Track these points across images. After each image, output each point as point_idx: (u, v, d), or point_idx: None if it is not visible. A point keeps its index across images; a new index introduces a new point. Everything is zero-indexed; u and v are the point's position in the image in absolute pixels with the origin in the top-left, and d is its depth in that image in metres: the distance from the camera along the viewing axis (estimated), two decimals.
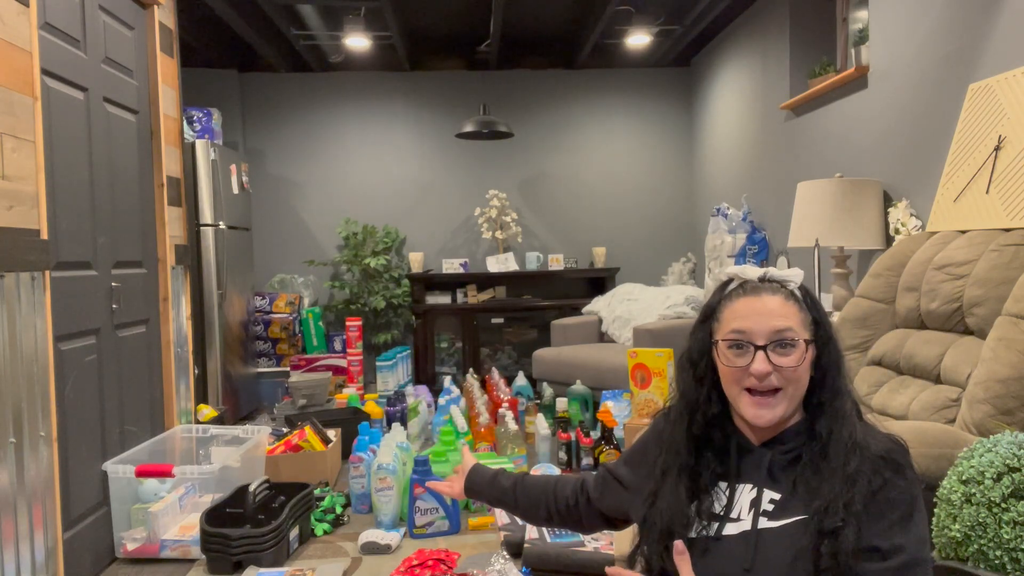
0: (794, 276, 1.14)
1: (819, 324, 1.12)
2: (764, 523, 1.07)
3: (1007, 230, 2.14)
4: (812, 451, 1.07)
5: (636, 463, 1.29)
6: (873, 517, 1.02)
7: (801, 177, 3.93)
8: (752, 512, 1.08)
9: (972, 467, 1.44)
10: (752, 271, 1.15)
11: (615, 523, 1.38)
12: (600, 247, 5.81)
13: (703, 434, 1.15)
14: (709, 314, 1.17)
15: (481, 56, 5.51)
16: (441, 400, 3.84)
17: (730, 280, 1.18)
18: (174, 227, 3.22)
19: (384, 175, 5.81)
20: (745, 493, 1.10)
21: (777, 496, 1.08)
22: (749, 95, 4.69)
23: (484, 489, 1.48)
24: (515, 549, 2.37)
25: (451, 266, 5.63)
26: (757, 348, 1.07)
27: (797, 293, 1.13)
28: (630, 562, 1.20)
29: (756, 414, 1.08)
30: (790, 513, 1.05)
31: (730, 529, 1.08)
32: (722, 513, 1.10)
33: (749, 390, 1.09)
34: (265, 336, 5.02)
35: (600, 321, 4.95)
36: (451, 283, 5.64)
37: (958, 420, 1.88)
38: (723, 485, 1.13)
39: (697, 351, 1.18)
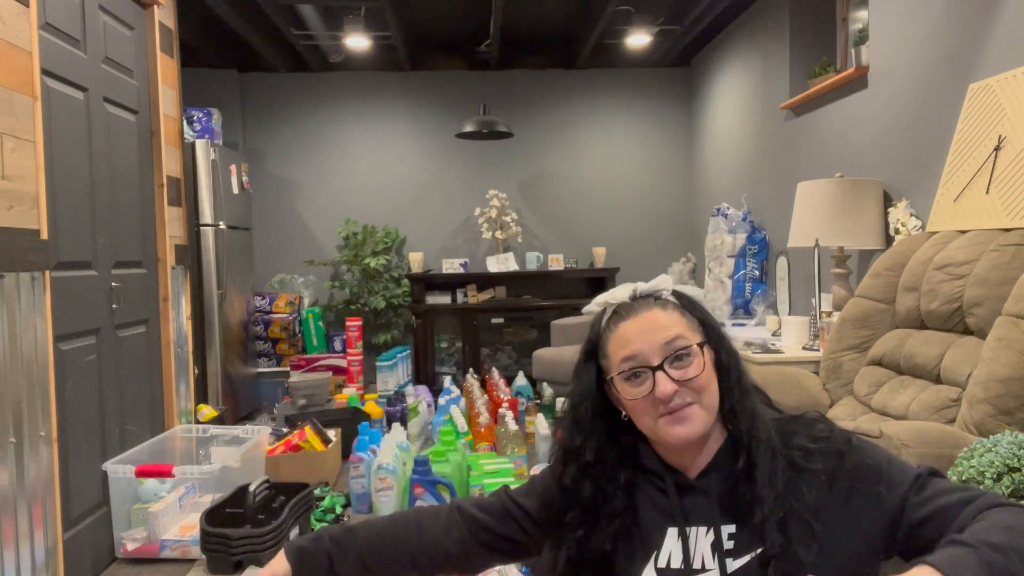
0: (662, 283, 1.07)
1: (706, 324, 1.06)
2: (732, 564, 0.98)
3: (1007, 230, 2.14)
4: (740, 468, 1.00)
5: (545, 494, 1.15)
6: (862, 495, 0.96)
7: (801, 177, 3.93)
8: (716, 557, 0.99)
9: (972, 467, 1.44)
10: (621, 292, 1.08)
11: (514, 555, 1.20)
12: (600, 247, 5.81)
13: (573, 486, 1.07)
14: (592, 352, 1.08)
15: (481, 56, 5.51)
16: (441, 400, 3.84)
17: (603, 311, 1.09)
18: (174, 227, 3.21)
19: (384, 175, 5.81)
20: (701, 538, 1.01)
21: (732, 528, 1.00)
22: (749, 95, 4.69)
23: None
24: None
25: (451, 266, 5.63)
26: (654, 369, 0.99)
27: (672, 299, 1.06)
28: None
29: (677, 432, 0.99)
30: (753, 544, 0.98)
31: None
32: (683, 567, 1.00)
33: (662, 415, 1.00)
34: (265, 336, 5.02)
35: None
36: (451, 283, 5.63)
37: (958, 420, 1.88)
38: (673, 532, 1.02)
39: (579, 394, 1.09)
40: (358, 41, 4.80)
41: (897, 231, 2.91)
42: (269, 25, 4.76)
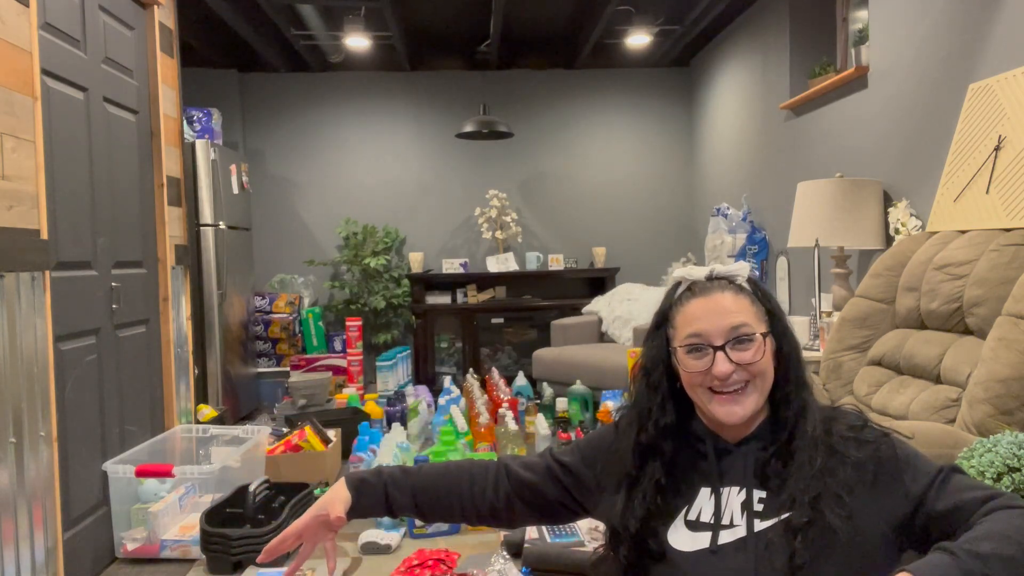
0: (740, 270, 1.11)
1: (773, 315, 1.10)
2: (759, 525, 1.04)
3: (1007, 230, 2.14)
4: (779, 446, 1.07)
5: (590, 457, 1.20)
6: (889, 479, 1.02)
7: (801, 177, 3.93)
8: (745, 515, 1.05)
9: (972, 467, 1.44)
10: (698, 271, 1.13)
11: (554, 515, 1.24)
12: (600, 247, 5.81)
13: (652, 444, 1.11)
14: (662, 321, 1.14)
15: (481, 56, 5.50)
16: (441, 400, 3.84)
17: (678, 284, 1.15)
18: (174, 227, 3.21)
19: (384, 175, 5.81)
20: (733, 496, 1.07)
21: (764, 494, 1.06)
22: (749, 95, 4.69)
23: (374, 505, 1.19)
24: (515, 549, 2.37)
25: (451, 266, 5.63)
26: (716, 349, 1.05)
27: (746, 286, 1.11)
28: (595, 567, 1.16)
29: (727, 411, 1.05)
30: (780, 510, 1.04)
31: (725, 537, 1.04)
32: (712, 522, 1.06)
33: (713, 390, 1.06)
34: (265, 336, 5.02)
35: (600, 321, 4.94)
36: (451, 283, 5.63)
37: (958, 420, 1.88)
38: (706, 491, 1.09)
39: (651, 360, 1.14)
40: (358, 41, 4.80)
41: (897, 231, 2.91)
42: (269, 25, 4.76)
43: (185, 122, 4.09)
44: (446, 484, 1.20)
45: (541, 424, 3.42)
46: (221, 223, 4.19)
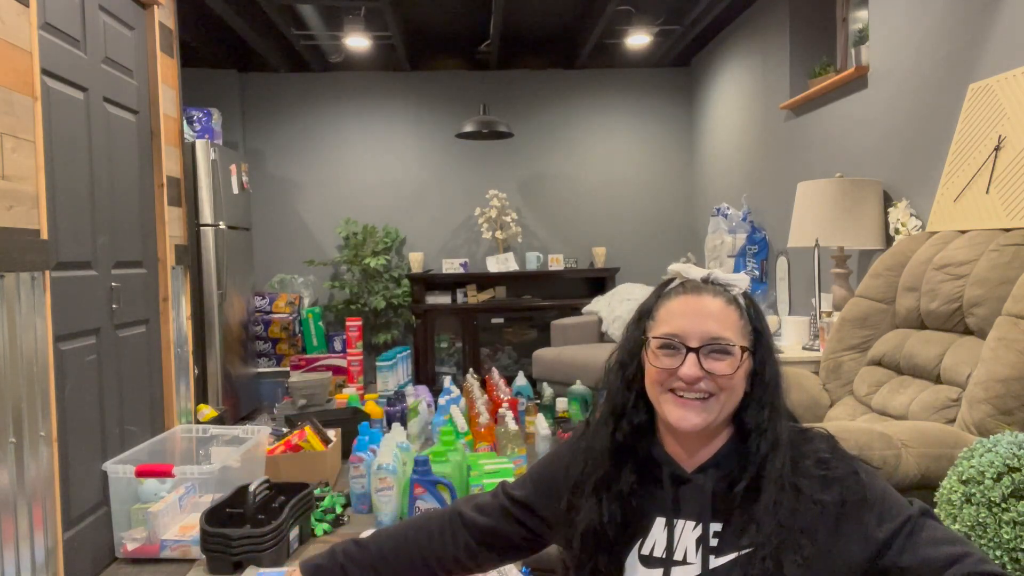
0: (739, 281, 1.07)
1: (760, 335, 1.05)
2: (714, 561, 0.98)
3: (1007, 230, 2.14)
4: (746, 479, 0.99)
5: (546, 484, 1.15)
6: (853, 523, 0.97)
7: (801, 177, 3.93)
8: (700, 551, 1.00)
9: (972, 467, 1.43)
10: (696, 271, 1.08)
11: (518, 552, 1.20)
12: (600, 247, 5.81)
13: (625, 444, 1.06)
14: (645, 312, 1.08)
15: (481, 56, 5.51)
16: (441, 400, 3.84)
17: (672, 279, 1.10)
18: (174, 227, 3.21)
19: (384, 175, 5.81)
20: (688, 531, 1.01)
21: (719, 527, 1.00)
22: (749, 95, 4.69)
23: None
24: None
25: (451, 266, 5.63)
26: (689, 350, 1.00)
27: (740, 300, 1.05)
28: None
29: (681, 415, 0.99)
30: (736, 546, 0.98)
31: (677, 574, 1.00)
32: (664, 556, 1.01)
33: (674, 391, 1.01)
34: (265, 336, 5.02)
35: (600, 321, 4.94)
36: (451, 283, 5.64)
37: (958, 420, 1.88)
38: (660, 522, 1.03)
39: (628, 353, 1.09)
40: (358, 41, 4.80)
41: (897, 231, 2.91)
42: (269, 25, 4.76)
43: (185, 122, 4.09)
44: (406, 550, 1.15)
45: (541, 424, 3.42)
46: (221, 223, 4.19)
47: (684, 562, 1.00)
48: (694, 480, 1.03)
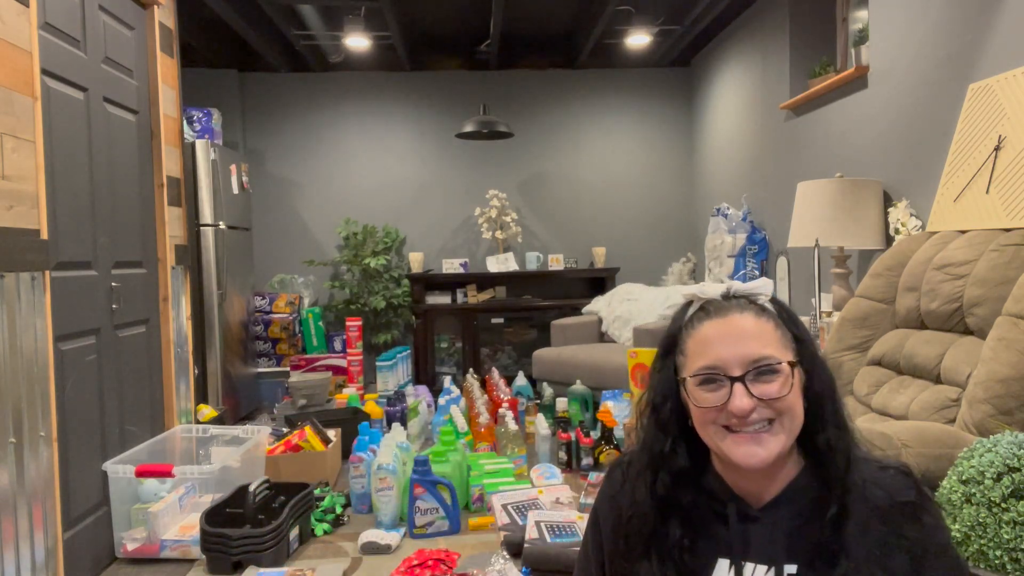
0: (763, 287, 0.95)
1: (801, 342, 0.94)
2: None
3: (1007, 230, 2.14)
4: (827, 509, 0.89)
5: (596, 538, 1.05)
6: (935, 572, 0.88)
7: (801, 177, 3.93)
8: None
9: (972, 467, 1.44)
10: (713, 289, 0.96)
11: None
12: (600, 247, 5.82)
13: (669, 495, 0.95)
14: (671, 346, 0.97)
15: (481, 56, 5.50)
16: (441, 400, 3.84)
17: (689, 303, 0.98)
18: (174, 227, 3.21)
19: (384, 175, 5.81)
20: (759, 575, 0.91)
21: (794, 569, 0.90)
22: (749, 95, 4.69)
23: None
24: (515, 549, 2.37)
25: (451, 266, 5.63)
26: (733, 380, 0.88)
27: (770, 307, 0.94)
28: None
29: (747, 452, 0.88)
30: None
31: None
32: None
33: (729, 427, 0.90)
34: (265, 336, 5.02)
35: (600, 321, 4.95)
36: (451, 283, 5.64)
37: (958, 420, 1.88)
38: (724, 564, 0.92)
39: (659, 393, 0.97)
40: (358, 41, 4.80)
41: (897, 231, 2.91)
42: (269, 25, 4.76)
43: (185, 122, 4.09)
44: None
45: (541, 424, 3.43)
46: (221, 223, 4.19)
47: None
48: (762, 518, 0.93)
